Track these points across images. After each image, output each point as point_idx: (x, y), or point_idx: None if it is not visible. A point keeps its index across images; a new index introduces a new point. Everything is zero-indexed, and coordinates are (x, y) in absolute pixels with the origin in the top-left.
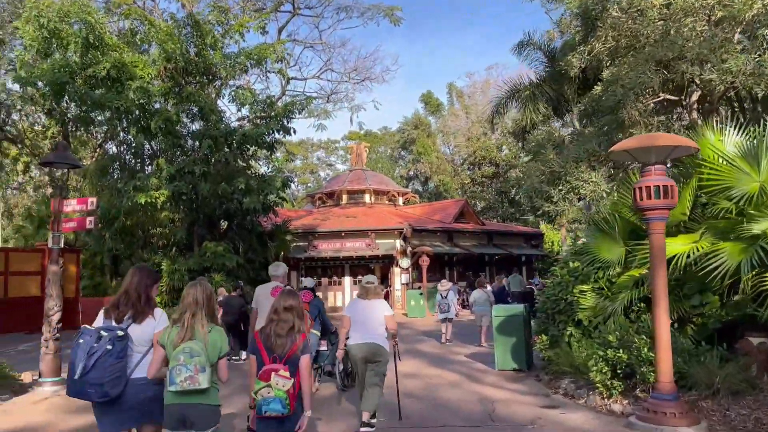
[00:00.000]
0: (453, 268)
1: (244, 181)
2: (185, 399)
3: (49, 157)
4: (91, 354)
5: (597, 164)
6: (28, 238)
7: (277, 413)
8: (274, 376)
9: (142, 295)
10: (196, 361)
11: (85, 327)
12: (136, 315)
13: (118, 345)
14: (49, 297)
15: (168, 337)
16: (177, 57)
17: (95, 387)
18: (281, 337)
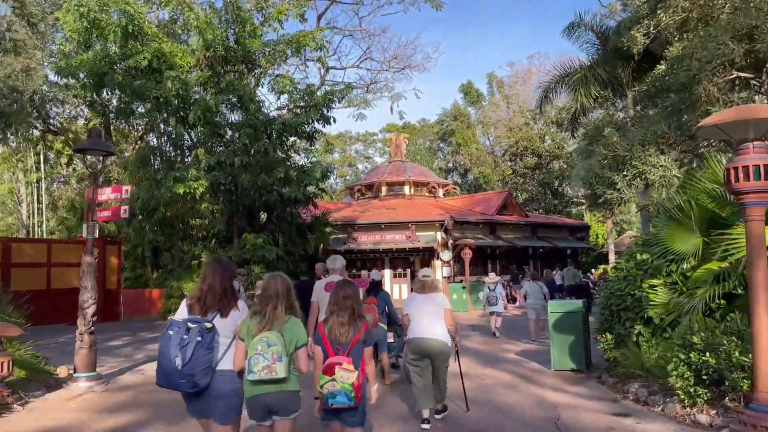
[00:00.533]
0: (495, 261)
1: (284, 171)
2: (264, 388)
3: (83, 143)
4: (182, 346)
5: (666, 147)
6: (71, 230)
7: (343, 405)
8: (338, 370)
9: (227, 287)
10: (273, 350)
11: (173, 319)
12: (221, 308)
13: (207, 337)
14: (84, 289)
15: (247, 328)
16: (217, 45)
17: (186, 378)
18: (344, 325)
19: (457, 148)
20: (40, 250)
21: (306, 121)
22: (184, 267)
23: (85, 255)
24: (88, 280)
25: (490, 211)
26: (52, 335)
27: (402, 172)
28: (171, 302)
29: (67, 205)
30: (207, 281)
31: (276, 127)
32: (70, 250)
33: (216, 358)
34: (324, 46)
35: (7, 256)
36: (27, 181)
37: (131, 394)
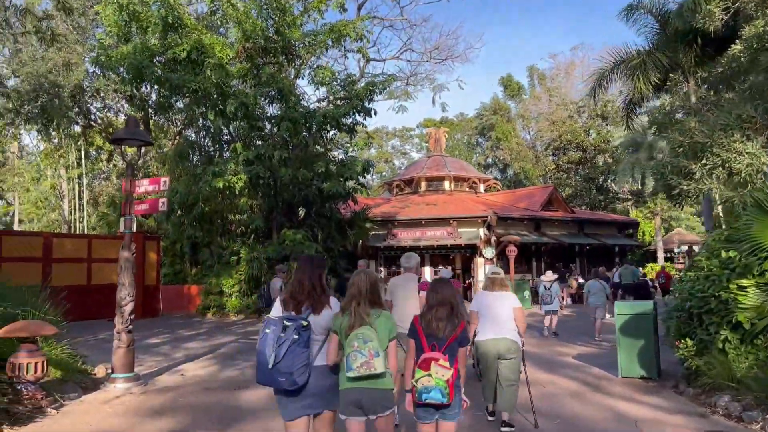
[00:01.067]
0: (540, 259)
1: (324, 166)
2: (361, 384)
3: (119, 133)
4: (280, 344)
5: (752, 132)
6: (111, 226)
7: (437, 401)
8: (433, 366)
9: (317, 284)
10: (370, 346)
11: (269, 318)
12: (314, 305)
13: (304, 334)
14: (121, 286)
15: (340, 324)
16: (256, 36)
17: (286, 375)
18: (441, 320)
19: (497, 143)
20: (80, 245)
21: (347, 113)
22: (223, 263)
23: (122, 250)
24: (126, 276)
25: (535, 206)
26: (92, 331)
27: (442, 167)
28: (210, 299)
29: (107, 201)
30: (298, 278)
31: (317, 120)
32: (110, 246)
33: (312, 354)
34: (365, 36)
35: (48, 252)
36: (69, 177)
37: (171, 396)
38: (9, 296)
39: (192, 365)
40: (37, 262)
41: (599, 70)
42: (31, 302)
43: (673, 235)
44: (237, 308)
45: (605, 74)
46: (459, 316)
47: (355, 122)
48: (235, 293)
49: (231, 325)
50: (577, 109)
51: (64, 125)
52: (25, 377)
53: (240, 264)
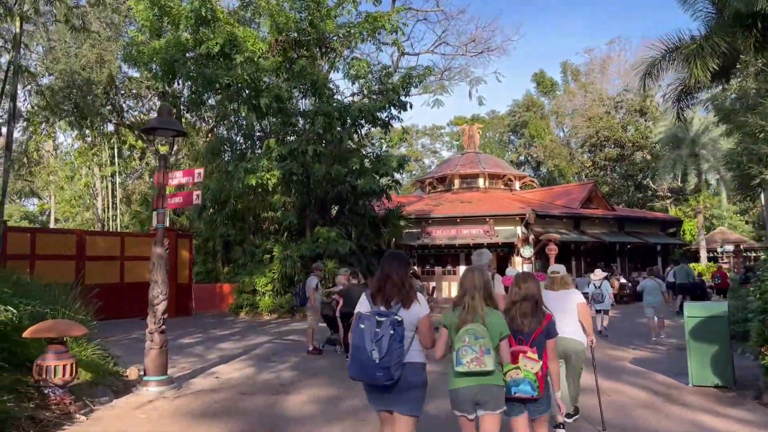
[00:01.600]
0: (580, 258)
1: (359, 162)
2: (471, 380)
3: (151, 123)
4: (377, 339)
5: None
6: (144, 223)
7: (526, 395)
8: (522, 358)
9: (404, 280)
10: (481, 342)
11: (360, 313)
12: (403, 300)
13: (399, 329)
14: (154, 283)
15: (450, 319)
16: (290, 27)
17: (384, 370)
18: (526, 315)
19: (530, 140)
20: (113, 243)
21: (383, 106)
22: (256, 262)
23: (155, 246)
24: (159, 273)
25: (574, 204)
26: (125, 330)
27: (476, 164)
28: (242, 297)
29: (139, 199)
30: (384, 273)
31: (351, 114)
32: (142, 243)
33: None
34: (400, 29)
35: (81, 249)
36: (102, 175)
37: (206, 401)
38: (38, 294)
39: (227, 367)
40: (70, 260)
41: (649, 58)
42: (62, 300)
43: (716, 234)
44: (270, 307)
45: (656, 62)
46: (543, 311)
47: (390, 116)
48: (268, 292)
49: (264, 325)
50: (614, 105)
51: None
52: (52, 381)
53: (273, 262)
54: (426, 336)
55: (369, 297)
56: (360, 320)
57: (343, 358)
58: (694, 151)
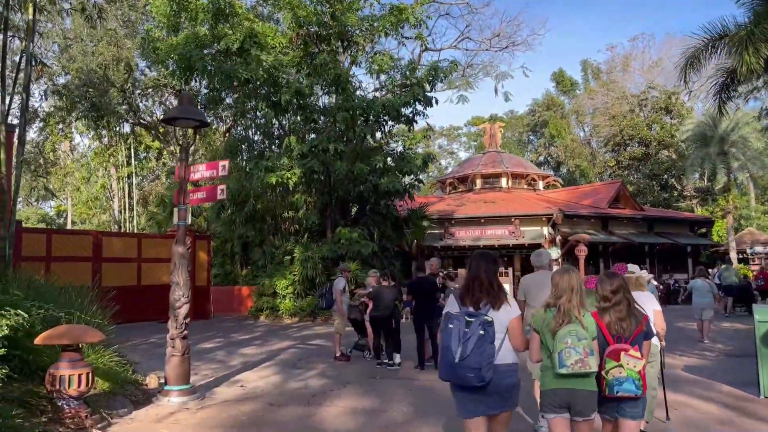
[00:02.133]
0: (608, 259)
1: (383, 160)
2: (572, 383)
3: (172, 112)
4: (466, 339)
5: None
6: (161, 225)
7: (630, 394)
8: (624, 356)
9: (494, 281)
10: (584, 344)
11: (450, 313)
12: (493, 301)
13: (489, 330)
14: (176, 285)
15: (544, 321)
16: (311, 20)
17: (474, 371)
18: (623, 319)
19: (550, 140)
20: (130, 244)
21: (409, 101)
22: (276, 263)
23: (176, 245)
24: (181, 275)
25: (601, 204)
26: (143, 334)
27: (498, 164)
28: (262, 300)
29: (156, 200)
30: (473, 274)
31: (375, 109)
32: (160, 245)
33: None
34: (423, 22)
35: (98, 251)
36: (119, 176)
37: (232, 413)
38: (52, 297)
39: (251, 374)
40: (87, 262)
41: (690, 48)
42: (77, 304)
43: (744, 235)
44: (291, 311)
45: (698, 53)
46: (640, 311)
47: (415, 112)
48: (289, 295)
49: (286, 329)
50: (638, 103)
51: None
52: (66, 392)
53: (293, 264)
54: (517, 338)
55: (457, 298)
56: (449, 320)
57: (373, 365)
58: (723, 149)
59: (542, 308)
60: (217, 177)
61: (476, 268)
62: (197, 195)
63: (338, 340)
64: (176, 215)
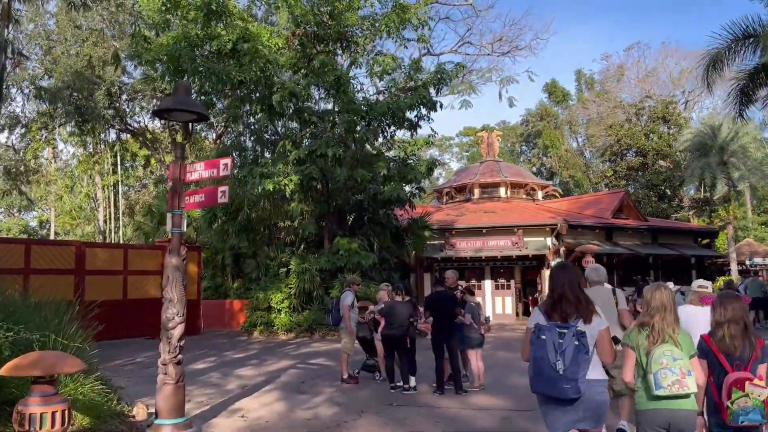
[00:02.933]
0: (613, 271)
1: (385, 166)
2: (671, 404)
3: (166, 103)
4: (562, 350)
5: None
6: (149, 236)
7: (755, 423)
8: (748, 385)
9: (580, 295)
10: (680, 364)
11: (540, 324)
12: (583, 314)
13: (583, 340)
14: (168, 302)
15: (636, 339)
16: (308, 19)
17: (572, 383)
18: (736, 338)
19: (544, 150)
20: (116, 256)
21: (414, 103)
22: (271, 276)
23: (170, 255)
24: (175, 289)
25: (604, 214)
26: (129, 353)
27: (496, 173)
28: (256, 315)
29: (143, 210)
30: (557, 289)
31: (379, 112)
32: (147, 257)
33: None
34: (426, 23)
35: (81, 263)
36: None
37: None
38: (27, 315)
39: (252, 401)
40: (69, 275)
41: (712, 48)
42: (54, 324)
43: (743, 246)
44: (287, 326)
45: (721, 54)
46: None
47: (419, 116)
48: (285, 309)
49: (282, 346)
50: (635, 112)
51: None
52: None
53: (289, 276)
54: (607, 350)
55: (543, 313)
56: (540, 331)
57: (385, 389)
58: (722, 159)
59: (636, 327)
60: (218, 177)
61: (560, 286)
62: (194, 198)
63: (346, 361)
64: (170, 221)
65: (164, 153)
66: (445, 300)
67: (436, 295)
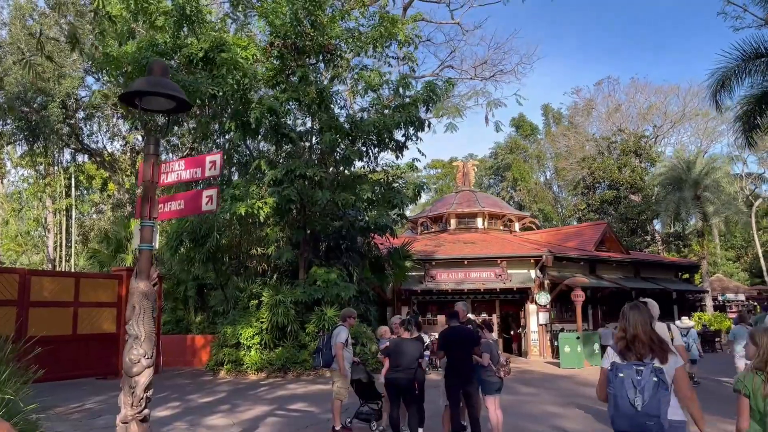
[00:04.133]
0: (597, 306)
1: (370, 189)
2: None
3: (137, 84)
4: (642, 387)
5: None
6: (104, 264)
7: None
8: None
9: (654, 336)
10: None
11: (616, 363)
12: (658, 354)
13: (662, 377)
14: (134, 340)
15: (753, 385)
16: (288, 30)
17: (654, 419)
18: None
19: (513, 183)
20: (65, 285)
21: (404, 122)
22: (240, 308)
23: (136, 280)
24: (142, 324)
25: (587, 246)
26: (78, 396)
27: (473, 203)
28: (223, 352)
29: (98, 236)
30: (631, 330)
31: (364, 130)
32: (102, 287)
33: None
34: (413, 41)
35: (24, 293)
36: (56, 209)
37: None
38: None
39: None
40: (10, 306)
41: (720, 69)
42: None
43: (713, 282)
44: (258, 364)
45: (730, 73)
46: None
47: (407, 136)
48: (256, 345)
49: (254, 387)
50: (607, 146)
51: (53, 145)
52: None
53: (261, 309)
54: (684, 388)
55: (618, 353)
56: (617, 370)
57: None
58: (696, 194)
59: (749, 372)
60: (204, 178)
61: (633, 327)
62: (171, 205)
63: (338, 409)
64: (137, 235)
65: (123, 175)
66: (462, 337)
67: (452, 332)
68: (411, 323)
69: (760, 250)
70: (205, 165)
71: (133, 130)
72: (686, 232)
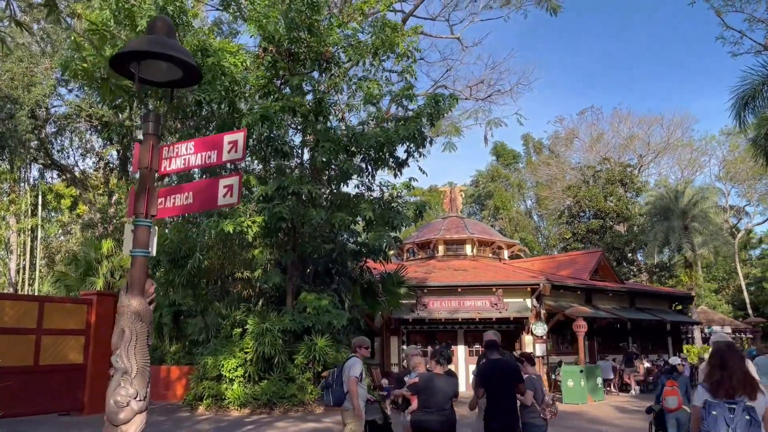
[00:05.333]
0: (593, 337)
1: (370, 209)
2: None
3: (135, 43)
4: (733, 425)
5: None
6: (72, 289)
7: None
8: None
9: (746, 374)
10: None
11: (708, 400)
12: (748, 392)
13: (753, 415)
14: (122, 375)
15: None
16: (281, 36)
17: None
18: None
19: (495, 212)
20: (28, 310)
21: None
22: (222, 337)
23: (127, 296)
24: (134, 354)
25: (581, 274)
26: None
27: (462, 229)
28: (203, 386)
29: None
30: (727, 373)
31: (364, 145)
32: (69, 312)
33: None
34: (411, 54)
35: None
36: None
37: None
38: None
39: None
40: None
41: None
42: None
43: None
44: (241, 399)
45: (756, 90)
46: None
47: (409, 152)
48: (239, 378)
49: (237, 425)
50: (593, 174)
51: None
52: None
53: (245, 338)
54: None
55: (708, 391)
56: (710, 408)
57: None
58: (684, 224)
59: None
60: (220, 162)
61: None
62: (176, 199)
63: None
64: (129, 238)
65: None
66: (505, 372)
67: (493, 366)
68: (441, 356)
69: (743, 282)
70: (223, 146)
71: (107, 146)
72: (671, 263)
